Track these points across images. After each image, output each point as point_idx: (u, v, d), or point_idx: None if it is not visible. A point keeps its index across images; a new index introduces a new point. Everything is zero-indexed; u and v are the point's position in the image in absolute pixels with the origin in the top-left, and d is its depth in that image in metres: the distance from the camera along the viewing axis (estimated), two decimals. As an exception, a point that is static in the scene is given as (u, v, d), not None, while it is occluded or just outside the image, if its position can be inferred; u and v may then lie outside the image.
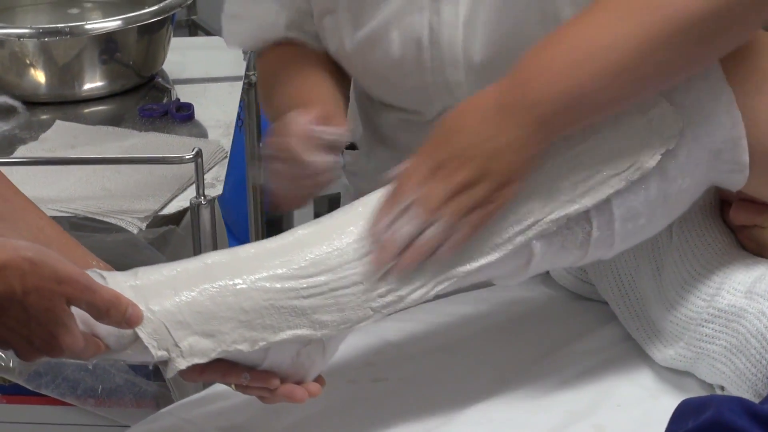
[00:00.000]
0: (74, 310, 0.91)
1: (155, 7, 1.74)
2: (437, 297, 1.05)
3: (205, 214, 1.33)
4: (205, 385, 1.19)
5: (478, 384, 1.16)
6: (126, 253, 1.63)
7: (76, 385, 1.51)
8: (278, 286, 0.99)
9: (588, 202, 1.03)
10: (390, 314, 1.02)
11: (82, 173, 1.46)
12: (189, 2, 1.78)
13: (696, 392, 1.15)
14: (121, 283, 0.97)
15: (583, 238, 1.05)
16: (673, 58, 1.02)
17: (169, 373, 0.97)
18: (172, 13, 1.76)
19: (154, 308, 0.96)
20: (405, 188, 1.01)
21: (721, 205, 1.20)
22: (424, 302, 1.05)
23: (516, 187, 1.01)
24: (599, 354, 1.22)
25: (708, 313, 1.13)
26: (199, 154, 1.29)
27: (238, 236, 2.29)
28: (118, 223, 1.34)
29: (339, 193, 1.49)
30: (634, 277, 1.21)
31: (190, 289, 0.98)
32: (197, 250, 1.36)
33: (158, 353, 0.96)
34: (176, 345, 0.96)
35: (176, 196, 1.40)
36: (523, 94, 1.01)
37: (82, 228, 1.46)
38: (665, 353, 1.17)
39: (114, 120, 1.67)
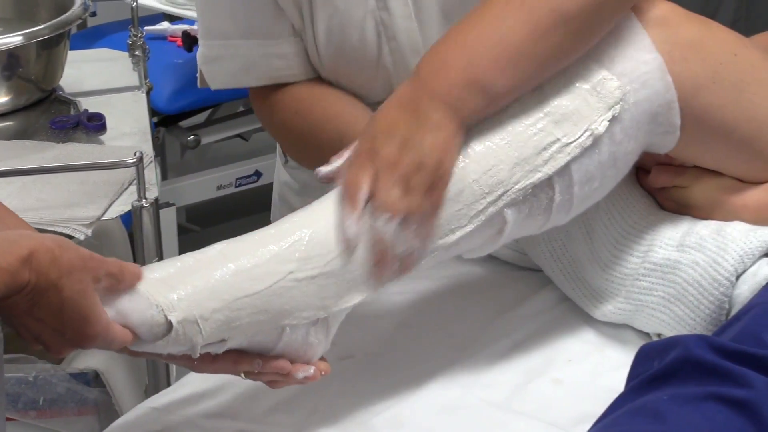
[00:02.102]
0: (108, 301, 0.93)
1: (54, 22, 1.75)
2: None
3: (147, 217, 1.36)
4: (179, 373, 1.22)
5: (439, 352, 1.23)
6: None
7: (17, 398, 1.51)
8: (290, 267, 1.03)
9: (550, 169, 1.12)
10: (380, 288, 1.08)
11: (12, 187, 1.47)
12: (87, 15, 1.80)
13: (635, 342, 1.24)
14: (144, 276, 1.00)
15: (547, 203, 1.14)
16: (562, 42, 1.12)
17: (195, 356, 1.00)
18: (71, 26, 1.77)
19: (182, 296, 0.99)
20: (357, 189, 1.06)
21: (636, 171, 1.31)
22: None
23: (449, 163, 1.08)
24: (542, 316, 1.31)
25: (644, 268, 1.23)
26: (141, 158, 1.32)
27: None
28: (65, 231, 1.36)
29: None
30: (566, 243, 1.31)
31: (209, 278, 1.01)
32: (139, 253, 1.39)
33: (192, 341, 0.99)
34: (201, 333, 0.99)
35: (114, 201, 1.43)
36: (427, 92, 1.09)
37: None
38: (603, 309, 1.27)
39: (26, 134, 1.67)
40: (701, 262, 1.18)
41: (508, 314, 1.31)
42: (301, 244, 1.05)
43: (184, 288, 1.00)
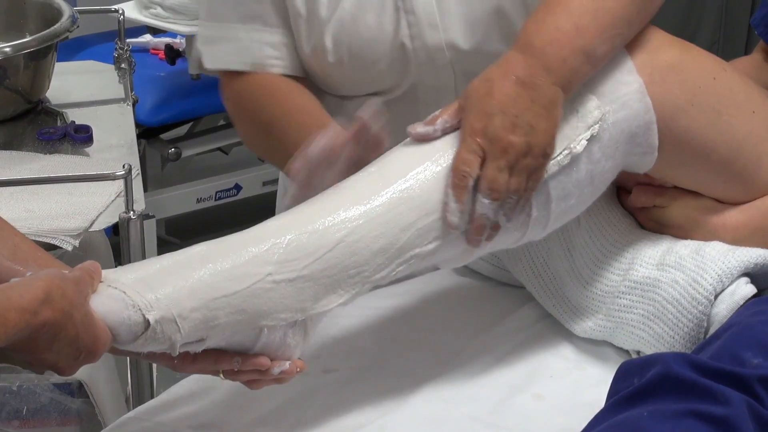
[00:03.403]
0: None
1: (42, 34, 1.77)
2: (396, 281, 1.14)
3: (135, 229, 1.37)
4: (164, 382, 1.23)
5: (422, 367, 1.25)
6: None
7: (0, 408, 1.52)
8: (268, 269, 1.06)
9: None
10: (359, 296, 1.10)
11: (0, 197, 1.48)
12: (75, 28, 1.81)
13: (614, 359, 1.27)
14: (121, 277, 1.02)
15: (524, 218, 1.16)
16: (644, 4, 1.20)
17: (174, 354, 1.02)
18: (60, 39, 1.78)
19: (160, 296, 1.01)
20: (466, 172, 1.11)
21: (617, 191, 1.34)
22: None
23: (553, 146, 1.13)
24: (524, 332, 1.33)
25: (624, 286, 1.25)
26: (129, 170, 1.34)
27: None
28: (53, 242, 1.37)
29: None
30: (547, 260, 1.33)
31: (187, 278, 1.03)
32: (126, 264, 1.39)
33: (170, 339, 1.01)
34: (179, 331, 1.01)
35: (101, 212, 1.44)
36: (543, 65, 1.13)
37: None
38: (583, 326, 1.29)
39: (12, 145, 1.68)
40: (681, 281, 1.21)
41: (490, 330, 1.33)
42: (279, 247, 1.07)
43: (163, 287, 1.02)
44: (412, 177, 1.12)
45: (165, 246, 3.10)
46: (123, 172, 1.33)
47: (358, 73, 1.36)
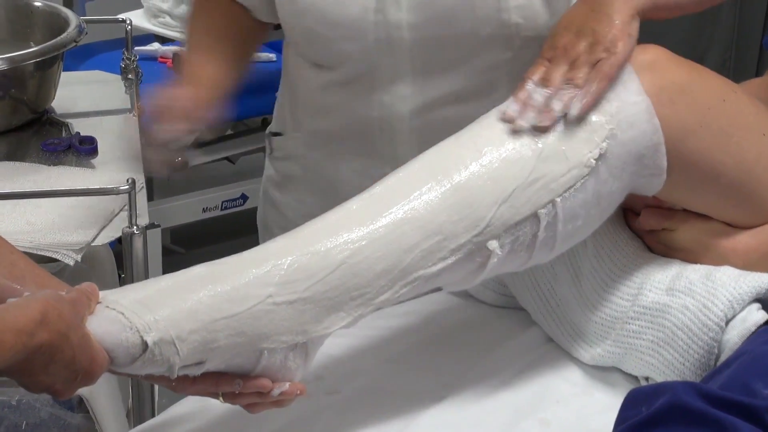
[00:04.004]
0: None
1: (49, 44, 1.75)
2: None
3: (138, 243, 1.36)
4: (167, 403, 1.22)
5: (425, 390, 1.23)
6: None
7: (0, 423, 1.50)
8: (269, 290, 1.04)
9: (533, 206, 1.13)
10: (362, 319, 1.09)
11: (2, 210, 1.47)
12: (81, 38, 1.79)
13: (623, 385, 1.25)
14: (119, 299, 1.01)
15: (530, 240, 1.14)
16: None
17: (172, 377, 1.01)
18: (66, 49, 1.77)
19: (158, 317, 1.00)
20: (527, 76, 1.18)
21: (624, 213, 1.32)
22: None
23: (625, 44, 1.18)
24: (530, 354, 1.31)
25: (633, 311, 1.23)
26: (133, 185, 1.32)
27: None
28: (54, 256, 1.35)
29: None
30: (553, 285, 1.31)
31: (186, 299, 1.02)
32: (129, 280, 1.38)
33: (169, 361, 0.99)
34: (178, 354, 1.00)
35: (105, 226, 1.43)
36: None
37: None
38: (592, 352, 1.27)
39: (17, 155, 1.67)
40: (691, 307, 1.19)
41: (496, 352, 1.32)
42: (280, 269, 1.06)
43: (162, 309, 1.01)
44: (416, 197, 1.11)
45: (170, 255, 3.09)
46: (127, 187, 1.32)
47: (321, 32, 1.39)
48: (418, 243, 1.10)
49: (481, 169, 1.13)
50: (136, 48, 2.06)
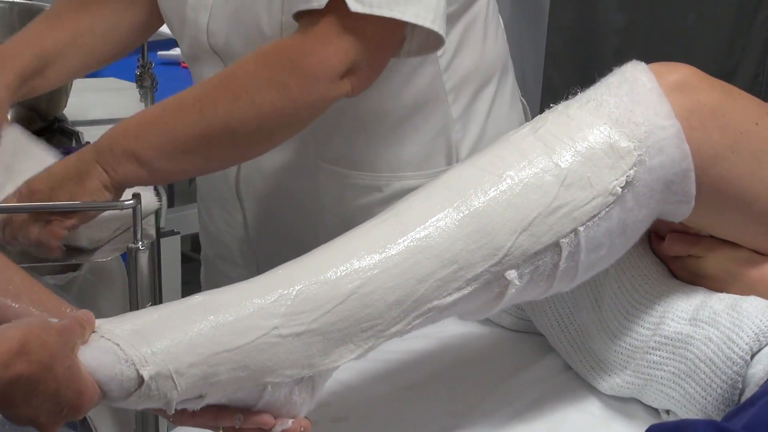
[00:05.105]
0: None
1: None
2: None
3: (143, 260, 1.32)
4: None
5: (437, 418, 1.19)
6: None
7: (1, 439, 1.47)
8: (274, 322, 1.00)
9: (555, 235, 1.07)
10: (372, 350, 1.04)
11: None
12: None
13: (643, 418, 1.20)
14: (115, 328, 0.97)
15: (551, 270, 1.09)
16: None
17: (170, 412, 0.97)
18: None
19: (156, 350, 0.96)
20: None
21: (649, 236, 1.26)
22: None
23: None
24: (546, 383, 1.26)
25: (654, 341, 1.18)
26: (138, 199, 1.28)
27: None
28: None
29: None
30: (573, 312, 1.26)
31: (186, 330, 0.98)
32: (134, 296, 1.34)
33: (166, 396, 0.95)
34: (176, 388, 0.96)
35: (110, 240, 1.38)
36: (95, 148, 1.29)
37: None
38: (611, 382, 1.21)
39: (25, 165, 1.63)
40: (714, 339, 1.13)
41: (510, 380, 1.27)
42: (287, 299, 1.01)
43: (160, 341, 0.96)
44: (432, 224, 1.06)
45: (189, 262, 3.04)
46: (131, 202, 1.27)
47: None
48: (433, 272, 1.05)
49: (500, 195, 1.08)
50: (159, 53, 2.03)
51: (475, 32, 1.48)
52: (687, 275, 1.23)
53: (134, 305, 1.34)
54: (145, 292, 1.34)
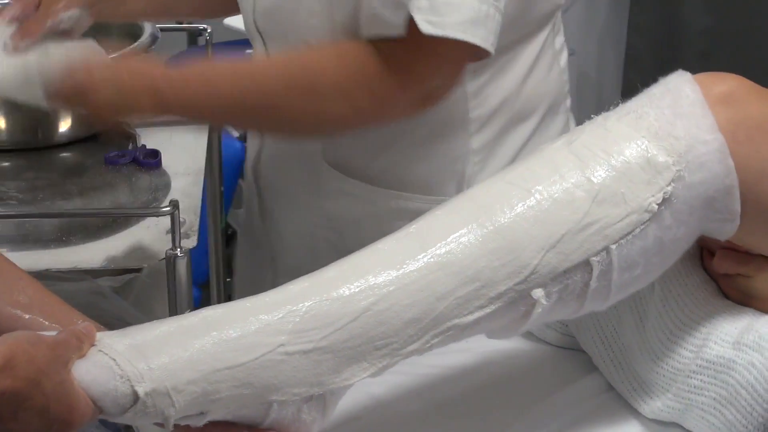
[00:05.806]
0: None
1: (119, 53, 1.71)
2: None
3: (182, 266, 1.31)
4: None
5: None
6: (91, 302, 1.60)
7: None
8: (281, 339, 0.98)
9: (585, 253, 1.04)
10: (388, 369, 1.01)
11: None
12: (152, 48, 1.75)
13: (684, 443, 1.15)
14: (114, 343, 0.95)
15: (581, 288, 1.05)
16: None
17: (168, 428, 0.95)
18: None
19: (154, 366, 0.94)
20: None
21: (700, 252, 1.21)
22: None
23: None
24: (583, 405, 1.21)
25: (696, 365, 1.13)
26: (176, 205, 1.27)
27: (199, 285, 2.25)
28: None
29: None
30: (617, 329, 1.21)
31: (187, 346, 0.96)
32: (172, 303, 1.34)
33: (163, 413, 0.94)
34: (173, 405, 0.94)
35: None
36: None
37: (45, 278, 1.43)
38: (652, 405, 1.17)
39: (79, 166, 1.64)
40: (758, 364, 1.08)
41: (550, 398, 1.22)
42: (296, 315, 0.99)
43: (159, 356, 0.95)
44: (454, 240, 1.02)
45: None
46: (168, 208, 1.27)
47: None
48: (454, 290, 1.01)
49: (527, 211, 1.04)
50: (247, 51, 2.01)
51: (519, 61, 1.42)
52: (738, 295, 1.18)
53: (173, 312, 1.33)
54: (183, 299, 1.34)
